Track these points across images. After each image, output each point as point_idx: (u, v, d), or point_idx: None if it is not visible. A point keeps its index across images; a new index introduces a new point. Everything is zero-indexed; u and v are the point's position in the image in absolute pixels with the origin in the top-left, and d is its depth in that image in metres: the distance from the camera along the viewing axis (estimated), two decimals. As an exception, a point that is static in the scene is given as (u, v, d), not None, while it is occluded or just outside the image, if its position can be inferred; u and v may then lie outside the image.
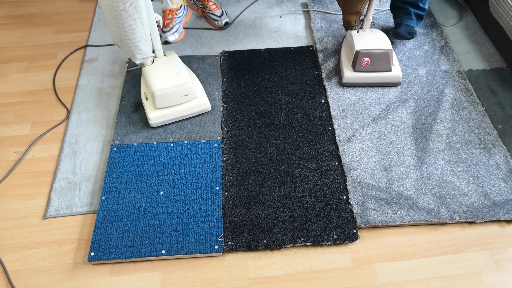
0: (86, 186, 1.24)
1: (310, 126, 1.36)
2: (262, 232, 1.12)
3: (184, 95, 1.31)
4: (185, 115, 1.36)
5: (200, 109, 1.37)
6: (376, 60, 1.42)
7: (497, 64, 1.54)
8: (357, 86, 1.47)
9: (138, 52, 1.26)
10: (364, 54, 1.41)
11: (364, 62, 1.42)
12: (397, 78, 1.45)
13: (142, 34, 1.23)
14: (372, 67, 1.43)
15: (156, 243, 1.10)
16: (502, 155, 1.27)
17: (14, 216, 1.19)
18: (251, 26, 1.75)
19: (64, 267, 1.09)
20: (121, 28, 1.18)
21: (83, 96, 1.49)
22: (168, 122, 1.36)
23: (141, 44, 1.25)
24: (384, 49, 1.41)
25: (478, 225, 1.15)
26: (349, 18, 1.50)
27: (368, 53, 1.41)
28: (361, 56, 1.41)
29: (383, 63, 1.42)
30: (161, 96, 1.28)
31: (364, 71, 1.44)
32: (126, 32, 1.19)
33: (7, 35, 1.75)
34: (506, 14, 1.43)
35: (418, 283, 1.04)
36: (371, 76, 1.44)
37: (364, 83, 1.46)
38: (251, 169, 1.26)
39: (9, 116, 1.45)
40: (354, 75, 1.44)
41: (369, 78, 1.45)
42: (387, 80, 1.45)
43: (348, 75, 1.45)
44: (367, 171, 1.24)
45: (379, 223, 1.13)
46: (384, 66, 1.43)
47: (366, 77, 1.44)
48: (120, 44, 1.26)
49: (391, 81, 1.46)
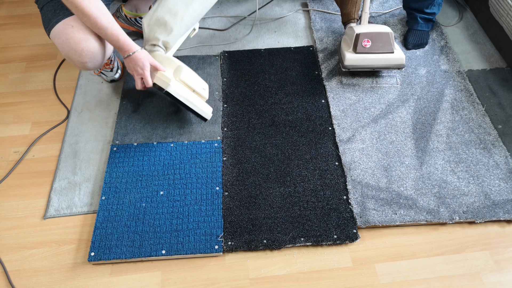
0: (86, 186, 1.24)
1: (310, 126, 1.36)
2: (262, 232, 1.12)
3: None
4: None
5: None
6: (377, 41, 1.40)
7: (497, 64, 1.54)
8: (359, 69, 1.43)
9: (164, 33, 1.29)
10: (364, 35, 1.40)
11: (364, 43, 1.39)
12: (401, 59, 1.41)
13: (185, 25, 1.30)
14: (374, 48, 1.40)
15: (156, 243, 1.10)
16: (502, 155, 1.27)
17: (14, 216, 1.19)
18: (251, 26, 1.75)
19: (64, 267, 1.09)
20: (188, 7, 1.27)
21: (83, 96, 1.49)
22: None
23: (176, 29, 1.29)
24: (384, 31, 1.41)
25: (478, 225, 1.15)
26: (349, 10, 1.50)
27: (369, 34, 1.40)
28: (361, 37, 1.39)
29: (385, 44, 1.40)
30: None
31: (365, 52, 1.40)
32: (187, 13, 1.27)
33: (7, 35, 1.75)
34: (506, 14, 1.43)
35: (418, 283, 1.05)
36: (373, 57, 1.41)
37: (366, 65, 1.42)
38: (251, 169, 1.26)
39: (9, 116, 1.45)
40: (356, 57, 1.41)
41: (372, 60, 1.41)
42: (390, 62, 1.41)
43: (349, 57, 1.41)
44: (367, 171, 1.24)
45: (379, 223, 1.13)
46: (386, 47, 1.40)
47: (368, 59, 1.41)
48: (160, 19, 1.28)
49: (394, 63, 1.42)
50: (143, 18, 1.35)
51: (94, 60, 1.22)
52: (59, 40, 1.19)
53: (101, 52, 1.23)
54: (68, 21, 1.18)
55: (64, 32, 1.18)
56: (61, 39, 1.19)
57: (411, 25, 1.63)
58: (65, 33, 1.17)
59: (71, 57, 1.21)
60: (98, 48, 1.21)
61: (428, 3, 1.54)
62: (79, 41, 1.17)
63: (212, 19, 1.78)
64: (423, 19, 1.59)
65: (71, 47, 1.18)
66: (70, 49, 1.18)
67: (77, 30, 1.17)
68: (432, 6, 1.55)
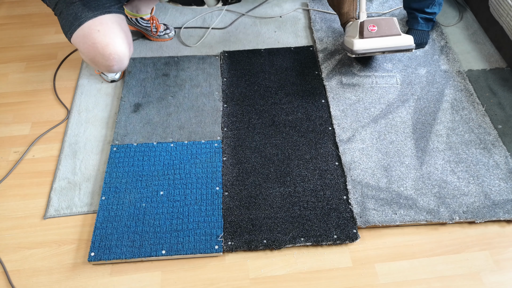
0: (86, 186, 1.24)
1: (310, 126, 1.36)
2: (262, 232, 1.12)
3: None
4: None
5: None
6: (383, 26, 1.39)
7: (497, 64, 1.54)
8: (369, 54, 1.41)
9: None
10: (369, 21, 1.39)
11: (371, 28, 1.38)
12: (409, 40, 1.39)
13: None
14: (380, 32, 1.39)
15: (156, 243, 1.10)
16: (502, 155, 1.27)
17: (14, 216, 1.19)
18: (251, 26, 1.75)
19: (64, 267, 1.09)
20: None
21: (83, 96, 1.49)
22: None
23: None
24: (388, 17, 1.40)
25: (478, 225, 1.15)
26: (347, 9, 1.49)
27: (373, 20, 1.39)
28: (366, 23, 1.39)
29: (391, 28, 1.39)
30: None
31: (373, 36, 1.39)
32: None
33: (7, 35, 1.75)
34: (506, 14, 1.43)
35: (418, 283, 1.05)
36: (382, 40, 1.39)
37: (375, 48, 1.39)
38: (251, 169, 1.26)
39: (9, 116, 1.45)
40: (364, 41, 1.39)
41: (380, 42, 1.39)
42: (399, 43, 1.39)
43: (358, 42, 1.39)
44: (367, 171, 1.24)
45: (379, 223, 1.13)
46: (393, 30, 1.39)
47: (376, 42, 1.39)
48: None
49: (403, 45, 1.39)
50: None
51: (121, 63, 1.23)
52: (85, 45, 1.20)
53: (127, 55, 1.25)
54: (93, 25, 1.18)
55: (91, 37, 1.18)
56: (86, 44, 1.19)
57: (411, 25, 1.63)
58: (92, 37, 1.18)
59: (97, 61, 1.21)
60: (124, 51, 1.22)
61: (428, 2, 1.54)
62: (106, 45, 1.17)
63: (212, 18, 1.78)
64: (423, 19, 1.59)
65: (98, 52, 1.18)
66: (97, 54, 1.19)
67: (103, 34, 1.17)
68: (433, 5, 1.55)
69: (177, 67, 1.56)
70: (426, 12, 1.56)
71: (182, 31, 1.72)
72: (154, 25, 1.61)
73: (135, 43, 1.66)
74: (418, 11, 1.58)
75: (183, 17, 1.79)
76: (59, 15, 1.24)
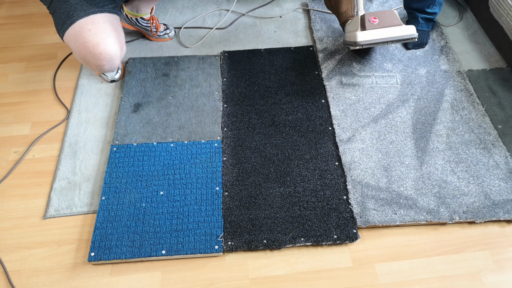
0: (86, 186, 1.24)
1: (310, 126, 1.36)
2: (262, 232, 1.12)
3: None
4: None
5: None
6: (384, 17, 1.39)
7: (497, 64, 1.54)
8: (372, 44, 1.40)
9: None
10: (369, 14, 1.40)
11: (372, 20, 1.39)
12: (412, 29, 1.39)
13: None
14: (382, 23, 1.39)
15: (156, 243, 1.10)
16: (502, 155, 1.27)
17: (14, 216, 1.19)
18: (251, 26, 1.75)
19: (64, 267, 1.09)
20: None
21: (83, 96, 1.49)
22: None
23: None
24: (388, 10, 1.41)
25: (478, 225, 1.15)
26: (345, 8, 1.49)
27: (374, 12, 1.40)
28: (367, 16, 1.39)
29: (392, 19, 1.39)
30: None
31: (375, 27, 1.39)
32: None
33: (7, 35, 1.75)
34: (506, 14, 1.43)
35: (418, 283, 1.05)
36: (384, 30, 1.39)
37: (379, 39, 1.39)
38: (251, 169, 1.26)
39: (9, 116, 1.45)
40: (367, 33, 1.39)
41: (383, 33, 1.39)
42: (402, 32, 1.39)
43: (360, 34, 1.39)
44: (367, 171, 1.24)
45: (379, 223, 1.13)
46: (394, 21, 1.39)
47: (379, 32, 1.39)
48: None
49: (406, 34, 1.39)
50: None
51: (111, 62, 1.23)
52: (76, 44, 1.19)
53: (118, 54, 1.24)
54: (85, 24, 1.18)
55: (81, 36, 1.17)
56: (78, 43, 1.19)
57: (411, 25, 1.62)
58: (82, 36, 1.17)
59: (88, 60, 1.21)
60: (115, 51, 1.22)
61: (429, 2, 1.54)
62: (97, 44, 1.17)
63: (212, 18, 1.78)
64: (424, 19, 1.59)
65: (89, 51, 1.18)
66: (87, 53, 1.18)
67: (94, 34, 1.17)
68: (433, 5, 1.55)
69: (177, 67, 1.56)
70: (426, 12, 1.57)
71: (182, 31, 1.72)
72: (154, 25, 1.62)
73: (135, 43, 1.67)
74: (419, 11, 1.58)
75: (183, 17, 1.79)
76: (53, 14, 1.24)
